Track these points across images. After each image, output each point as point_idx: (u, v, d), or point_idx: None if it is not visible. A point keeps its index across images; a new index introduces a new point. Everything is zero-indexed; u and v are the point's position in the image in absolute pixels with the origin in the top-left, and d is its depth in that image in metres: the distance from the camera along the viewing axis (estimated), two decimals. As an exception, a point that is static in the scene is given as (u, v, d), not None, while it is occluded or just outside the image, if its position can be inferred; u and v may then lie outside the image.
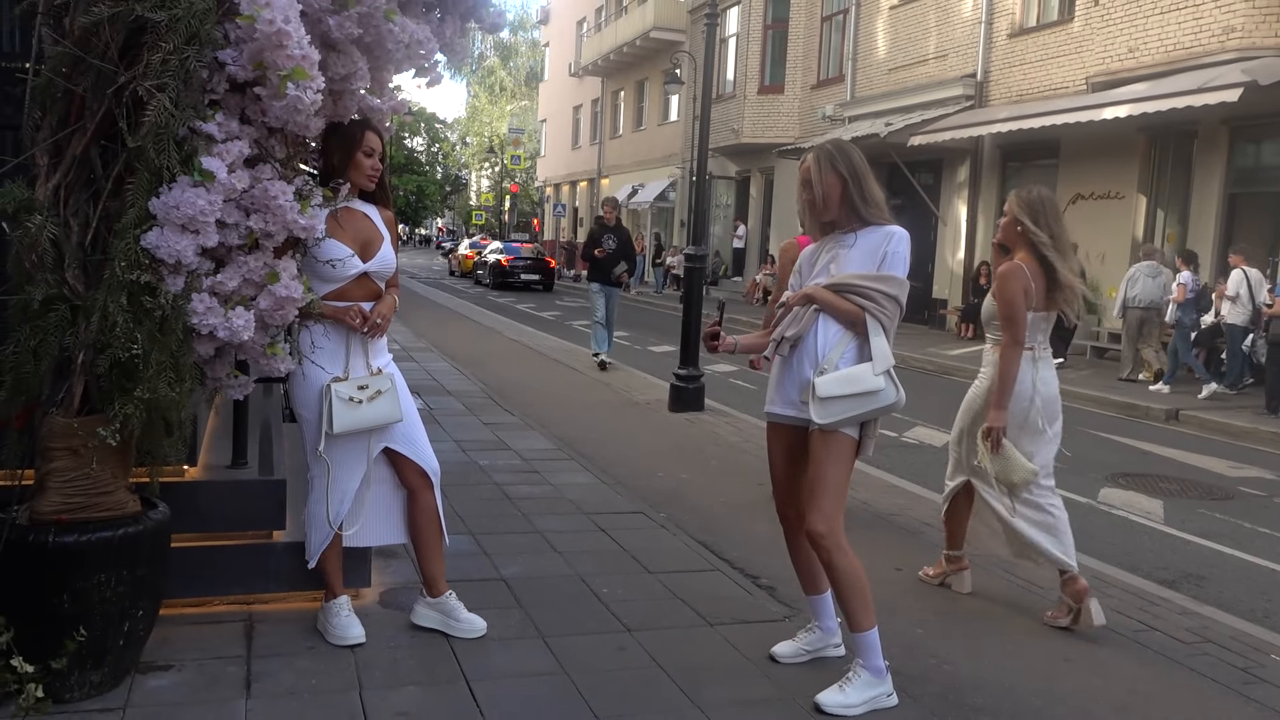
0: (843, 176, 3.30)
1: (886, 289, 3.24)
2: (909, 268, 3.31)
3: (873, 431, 3.33)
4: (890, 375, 3.23)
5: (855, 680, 3.27)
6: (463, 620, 3.58)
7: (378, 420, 3.34)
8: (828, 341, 3.28)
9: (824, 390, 3.18)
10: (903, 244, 3.29)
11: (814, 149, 3.40)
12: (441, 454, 6.36)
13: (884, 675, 3.30)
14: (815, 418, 3.19)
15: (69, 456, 2.82)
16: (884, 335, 3.25)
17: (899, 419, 9.58)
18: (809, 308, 3.33)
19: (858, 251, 3.31)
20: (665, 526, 5.15)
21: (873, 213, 3.32)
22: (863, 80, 21.12)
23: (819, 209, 3.36)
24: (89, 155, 2.85)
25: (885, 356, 3.23)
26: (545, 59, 47.65)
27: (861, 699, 3.24)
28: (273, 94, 2.76)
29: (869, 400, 3.20)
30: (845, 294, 3.26)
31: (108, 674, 2.95)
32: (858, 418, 3.23)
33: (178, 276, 2.80)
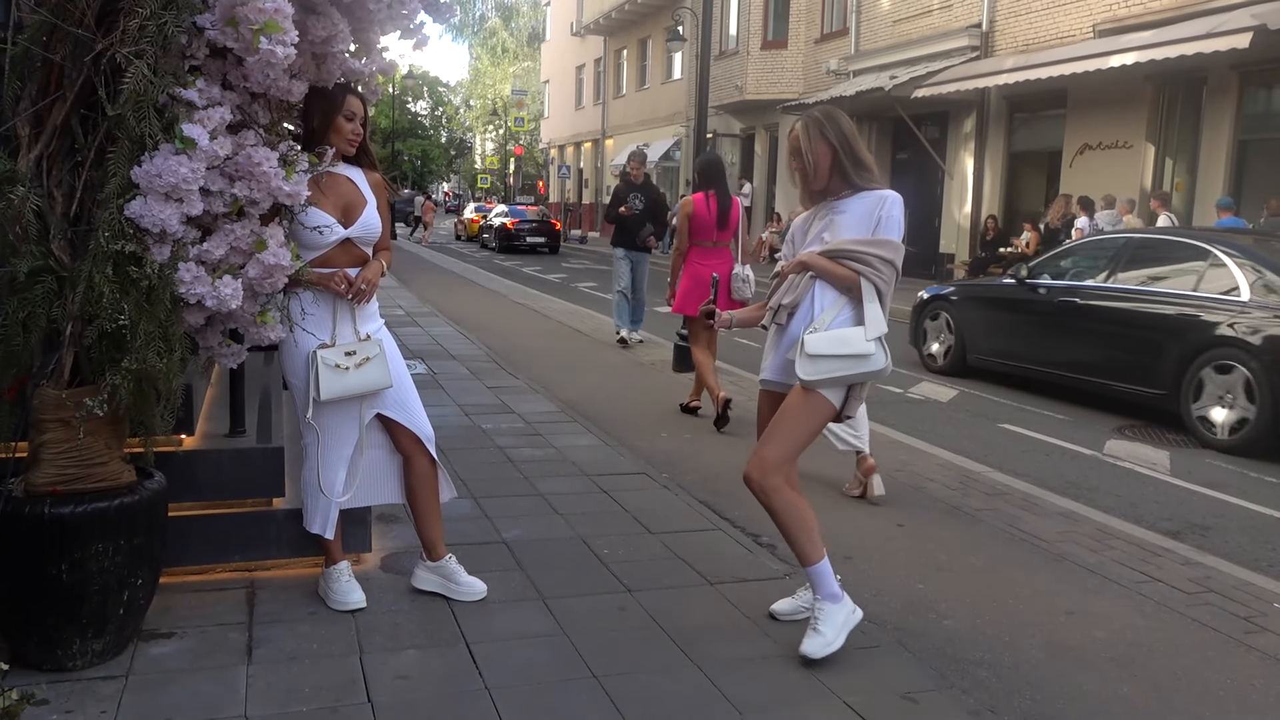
0: (832, 144, 3.27)
1: (882, 253, 3.21)
2: (904, 230, 3.28)
3: (860, 395, 3.30)
4: (881, 342, 3.21)
5: (822, 616, 3.30)
6: (463, 583, 3.60)
7: (366, 386, 3.33)
8: (823, 304, 3.26)
9: (812, 347, 3.16)
10: (896, 207, 3.26)
11: (802, 117, 3.37)
12: (444, 418, 6.44)
13: (840, 598, 3.31)
14: (800, 373, 3.18)
15: (61, 428, 2.82)
16: (878, 301, 3.21)
17: (904, 375, 9.56)
18: (804, 275, 3.31)
19: (851, 217, 3.28)
20: (667, 487, 5.16)
21: (865, 177, 3.29)
22: (867, 33, 20.84)
23: (810, 177, 3.33)
24: (70, 124, 2.82)
25: (879, 322, 3.20)
26: (547, 19, 47.14)
27: (835, 631, 3.28)
28: (245, 49, 2.72)
29: (857, 363, 3.18)
30: (841, 260, 3.23)
31: (110, 642, 2.97)
32: (842, 379, 3.21)
33: (163, 246, 2.78)
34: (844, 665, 3.23)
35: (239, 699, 2.84)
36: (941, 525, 4.92)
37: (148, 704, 2.78)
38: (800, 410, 3.26)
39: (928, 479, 5.75)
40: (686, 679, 3.09)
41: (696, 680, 3.08)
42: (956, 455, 6.38)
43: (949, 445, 6.69)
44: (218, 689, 2.89)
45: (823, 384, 3.20)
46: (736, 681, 3.08)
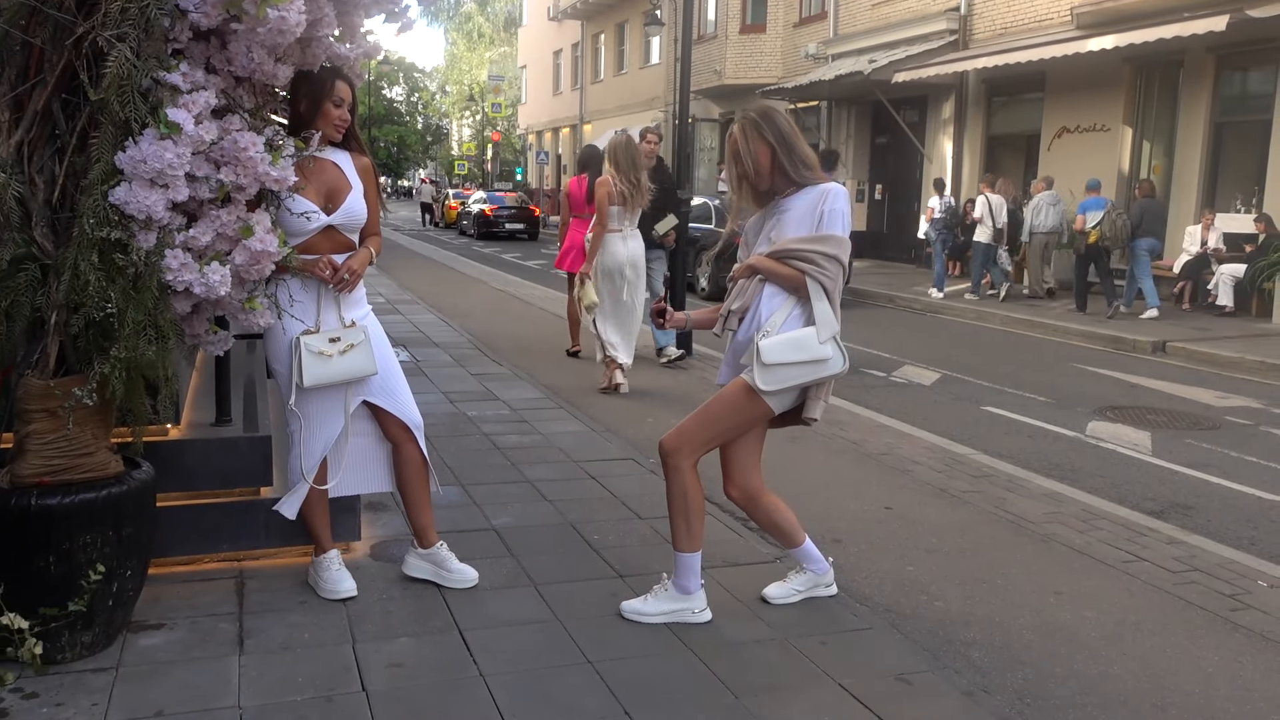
0: (769, 143, 3.24)
1: (824, 249, 3.18)
2: (849, 224, 3.26)
3: (820, 395, 3.30)
4: (836, 341, 3.21)
5: (660, 593, 3.39)
6: (454, 571, 3.58)
7: (350, 373, 3.30)
8: (772, 308, 3.25)
9: (769, 355, 3.15)
10: (839, 200, 3.23)
11: (738, 120, 3.35)
12: (429, 406, 6.40)
13: (691, 594, 3.37)
14: (759, 383, 3.16)
15: (47, 418, 2.78)
16: (826, 299, 3.20)
17: (887, 358, 9.60)
18: (754, 279, 3.30)
19: (795, 214, 3.26)
20: (655, 472, 5.13)
21: (805, 174, 3.27)
22: (845, 17, 20.80)
23: (753, 179, 3.31)
24: (51, 109, 2.77)
25: (829, 322, 3.19)
26: (523, 4, 46.82)
27: (660, 610, 3.36)
28: (253, 23, 2.67)
29: (816, 369, 3.19)
30: (786, 259, 3.22)
31: (99, 634, 2.94)
32: (802, 384, 3.22)
33: (149, 233, 2.74)
34: (837, 647, 3.24)
35: (231, 689, 2.81)
36: (929, 507, 4.94)
37: (139, 695, 2.76)
38: (735, 404, 3.26)
39: (914, 462, 5.78)
40: (681, 662, 3.09)
41: (690, 663, 3.08)
42: (941, 438, 6.41)
43: (934, 428, 6.72)
44: (210, 679, 2.86)
45: (780, 392, 3.20)
46: (730, 665, 3.08)
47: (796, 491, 4.92)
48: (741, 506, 3.52)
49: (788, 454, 5.76)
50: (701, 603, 3.38)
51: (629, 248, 7.38)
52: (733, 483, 3.45)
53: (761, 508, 3.49)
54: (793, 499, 3.64)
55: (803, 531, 3.58)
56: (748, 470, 3.44)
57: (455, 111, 59.39)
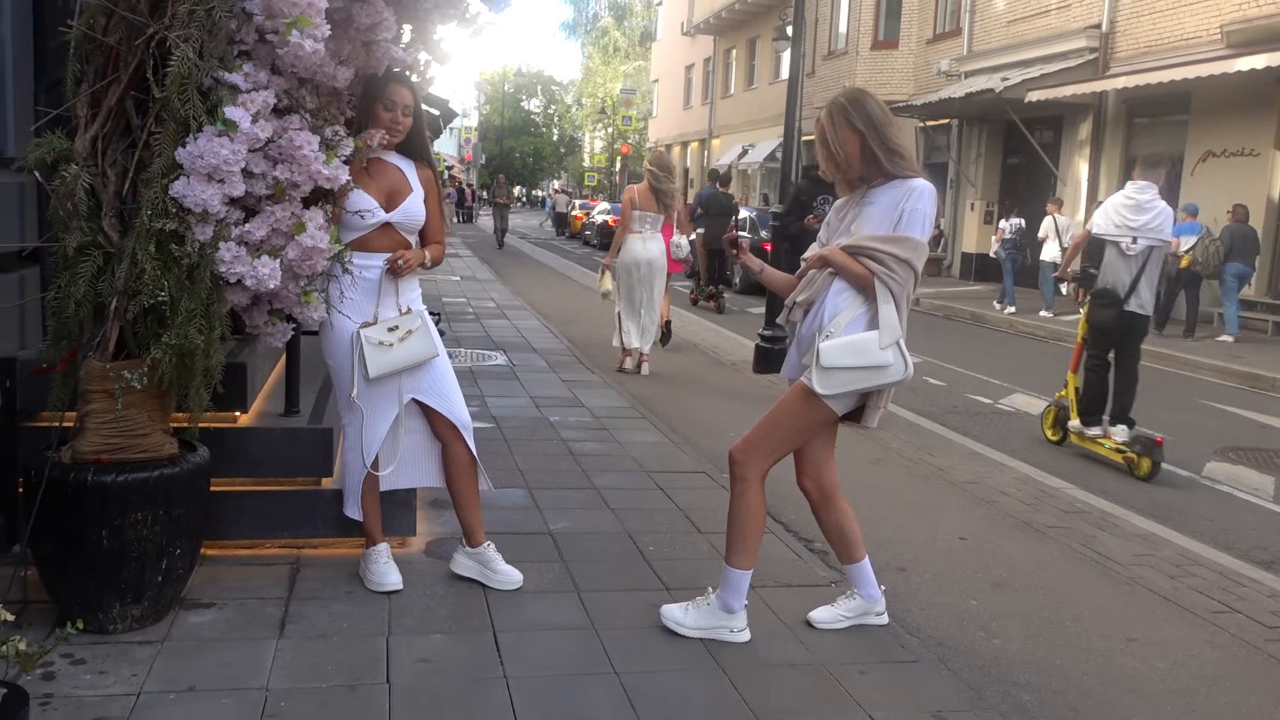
0: (859, 130, 3.11)
1: (898, 251, 3.05)
2: (931, 227, 3.12)
3: (879, 404, 3.18)
4: (899, 348, 3.07)
5: (702, 606, 3.30)
6: (499, 571, 3.60)
7: (413, 358, 3.36)
8: (837, 306, 3.13)
9: (828, 359, 3.05)
10: (923, 200, 3.08)
11: (827, 104, 3.24)
12: (515, 409, 6.49)
13: (734, 612, 3.27)
14: (817, 386, 3.06)
15: (105, 399, 2.92)
16: (893, 303, 3.07)
17: (995, 385, 9.27)
18: (824, 271, 3.20)
19: (877, 209, 3.13)
20: (725, 487, 5.05)
21: (897, 165, 3.12)
22: (980, 33, 20.25)
23: (841, 166, 3.20)
24: (124, 106, 2.92)
25: (893, 327, 3.06)
26: (659, 18, 47.24)
27: (698, 624, 3.27)
28: (280, 41, 2.77)
29: (875, 375, 3.07)
30: (858, 256, 3.10)
31: (148, 608, 3.06)
32: (861, 390, 3.10)
33: (206, 225, 2.86)
34: (876, 678, 3.12)
35: (263, 671, 2.89)
36: (1007, 540, 4.72)
37: (176, 669, 2.86)
38: (796, 409, 3.17)
39: (1001, 493, 5.54)
40: (709, 682, 3.02)
41: (719, 684, 3.02)
42: (1037, 470, 6.13)
43: (1032, 460, 6.43)
44: (245, 660, 2.95)
45: (839, 397, 3.09)
46: (759, 687, 3.00)
47: (868, 516, 4.76)
48: (812, 502, 3.42)
49: (866, 477, 5.61)
50: (741, 622, 3.29)
51: (648, 249, 8.25)
52: (806, 475, 3.37)
53: (833, 508, 3.40)
54: (862, 524, 3.51)
55: (864, 549, 3.46)
56: (820, 463, 3.36)
57: (588, 124, 60.32)
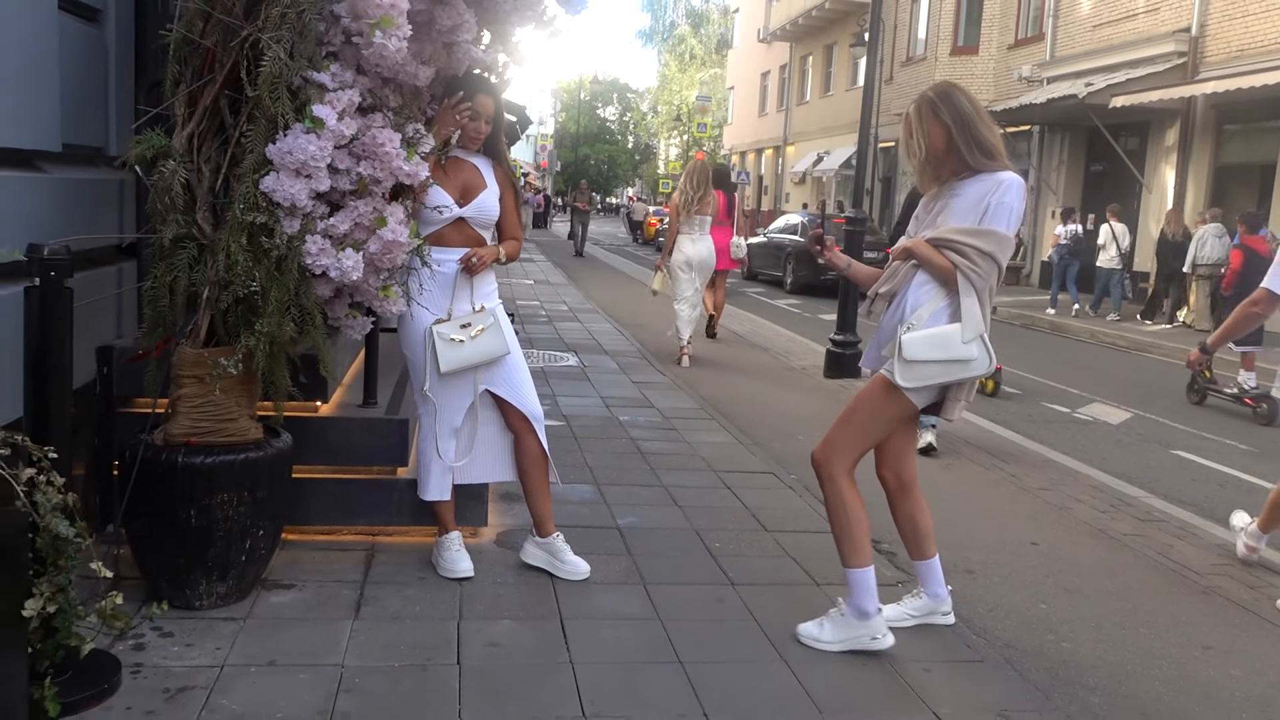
0: (946, 124, 3.11)
1: (981, 245, 3.04)
2: (1018, 221, 3.10)
3: (961, 395, 3.16)
4: (983, 341, 3.05)
5: (836, 619, 3.24)
6: (567, 562, 3.67)
7: (484, 356, 3.46)
8: (919, 299, 3.13)
9: (911, 351, 3.04)
10: (1010, 193, 3.06)
11: (916, 98, 3.25)
12: (585, 409, 6.58)
13: (869, 617, 3.19)
14: (899, 379, 3.06)
15: (196, 384, 3.06)
16: (975, 296, 3.05)
17: (1073, 394, 9.09)
18: (907, 263, 3.20)
19: (963, 201, 3.12)
20: (793, 488, 5.09)
21: (982, 160, 3.11)
22: (1064, 38, 19.85)
23: (927, 161, 3.20)
24: (218, 105, 3.06)
25: (976, 321, 3.04)
26: (735, 25, 47.24)
27: (838, 637, 3.21)
28: (365, 42, 2.88)
29: (959, 369, 3.05)
30: (942, 249, 3.10)
31: (232, 586, 3.20)
32: (943, 384, 3.08)
33: (293, 219, 2.98)
34: (941, 676, 3.11)
35: (339, 649, 3.00)
36: (1080, 547, 4.65)
37: (257, 645, 2.99)
38: (876, 402, 3.17)
39: (1076, 499, 5.45)
40: (772, 673, 3.05)
41: (782, 676, 3.04)
42: (1114, 478, 6.01)
43: (1109, 468, 6.31)
44: (322, 638, 3.07)
45: (921, 390, 3.09)
46: (823, 681, 3.02)
47: (937, 520, 4.69)
48: (890, 492, 3.43)
49: (937, 480, 5.56)
50: (881, 627, 3.20)
51: (696, 249, 8.93)
52: (885, 465, 3.38)
53: (909, 499, 3.40)
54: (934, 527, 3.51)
55: (935, 547, 3.46)
56: (899, 454, 3.36)
57: (663, 131, 60.52)
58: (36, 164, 3.14)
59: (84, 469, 3.53)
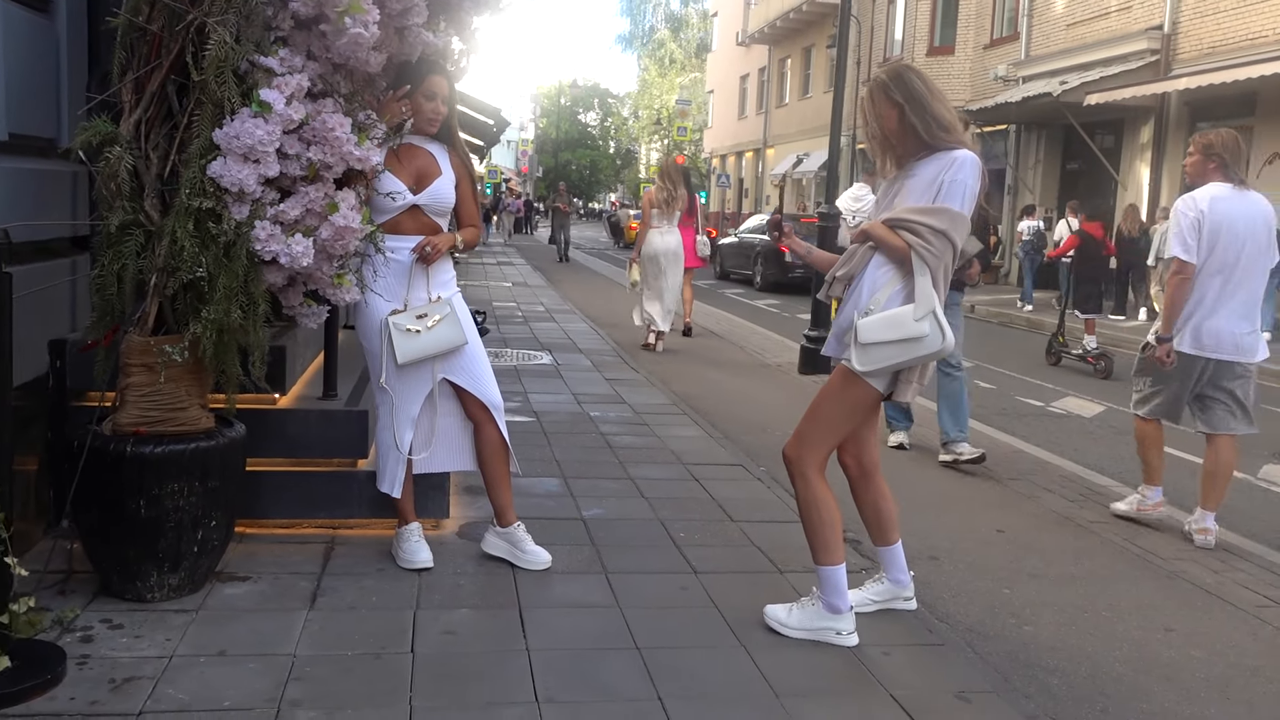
0: (898, 103, 3.09)
1: (934, 222, 3.01)
2: (973, 199, 3.08)
3: (913, 378, 3.13)
4: (935, 318, 3.02)
5: (807, 607, 3.22)
6: (528, 552, 3.65)
7: (440, 346, 3.43)
8: (876, 282, 3.12)
9: (866, 335, 3.03)
10: (963, 170, 3.04)
11: (869, 81, 3.24)
12: (556, 405, 6.55)
13: (840, 613, 3.17)
14: (856, 364, 3.04)
15: (145, 372, 3.02)
16: (929, 275, 3.03)
17: (1048, 389, 9.12)
18: (864, 245, 3.19)
19: (918, 181, 3.11)
20: (761, 480, 5.08)
21: (938, 136, 3.08)
22: (1039, 37, 19.97)
23: (884, 142, 3.20)
24: (165, 91, 3.03)
25: (929, 298, 3.01)
26: (714, 29, 47.35)
27: (804, 625, 3.18)
28: (335, 32, 2.86)
29: (912, 347, 3.02)
30: (896, 229, 3.08)
31: (185, 578, 3.16)
32: (901, 365, 3.07)
33: (242, 205, 2.95)
34: (900, 659, 3.10)
35: (292, 639, 2.97)
36: (1047, 534, 4.66)
37: (209, 636, 2.95)
38: (838, 393, 3.15)
39: (1045, 489, 5.46)
40: (730, 658, 3.03)
41: (740, 660, 3.02)
42: (1086, 469, 6.04)
43: (1080, 460, 6.33)
44: (275, 628, 3.03)
45: (877, 373, 3.07)
46: (781, 665, 3.00)
47: (905, 508, 4.69)
48: (851, 479, 3.41)
49: (905, 470, 5.57)
50: (850, 624, 3.17)
51: (665, 241, 9.69)
52: (847, 451, 3.35)
53: (872, 486, 3.39)
54: (900, 515, 3.48)
55: (898, 533, 3.45)
56: (862, 440, 3.34)
57: (644, 136, 60.57)
58: (-18, 153, 3.10)
59: (36, 464, 3.48)
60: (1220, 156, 4.65)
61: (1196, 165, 4.77)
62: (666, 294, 9.67)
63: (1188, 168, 4.88)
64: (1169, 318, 4.64)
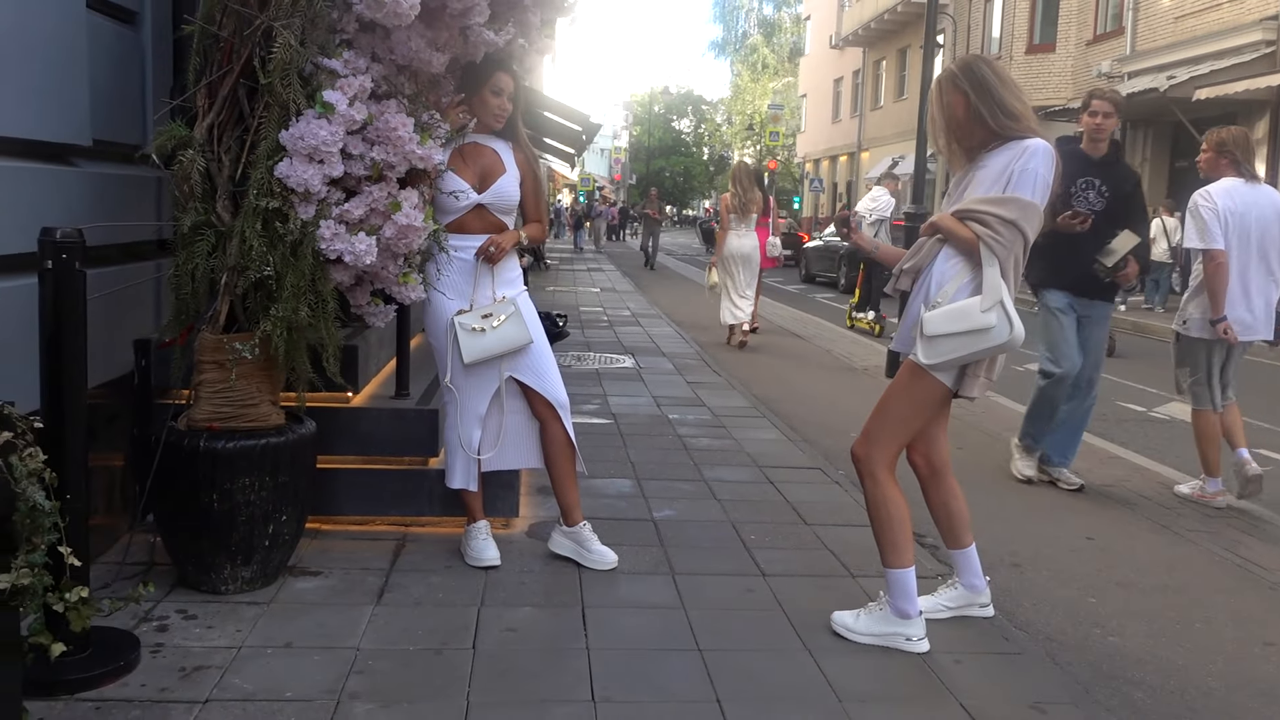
0: (964, 91, 3.00)
1: (1003, 212, 2.90)
2: (1045, 188, 2.96)
3: (980, 371, 3.01)
4: (1003, 309, 2.90)
5: (875, 612, 3.12)
6: (594, 551, 3.63)
7: (506, 345, 3.44)
8: (945, 274, 3.02)
9: (931, 327, 2.93)
10: (1035, 159, 2.93)
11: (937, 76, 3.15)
12: (634, 407, 6.54)
13: (909, 618, 3.05)
14: (921, 357, 2.95)
15: (217, 369, 3.10)
16: (998, 266, 2.92)
17: (1151, 394, 8.73)
18: (933, 237, 3.09)
19: (988, 172, 3.00)
20: (839, 483, 4.97)
21: (1006, 125, 2.98)
22: (1144, 31, 19.24)
23: (950, 133, 3.10)
24: (236, 94, 3.11)
25: (996, 288, 2.90)
26: (807, 33, 46.96)
27: (871, 631, 3.09)
28: (375, 7, 2.88)
29: (978, 339, 2.91)
30: (965, 220, 2.98)
31: (257, 571, 3.23)
32: (967, 358, 2.95)
33: (308, 204, 3.01)
34: (972, 667, 2.99)
35: (357, 633, 3.00)
36: (1140, 542, 4.44)
37: (277, 628, 3.01)
38: (905, 389, 3.05)
39: (1142, 496, 5.22)
40: (793, 662, 2.96)
41: (803, 664, 2.95)
42: (1185, 475, 5.73)
43: (1181, 466, 6.02)
44: (341, 622, 3.07)
45: (944, 366, 2.97)
46: (846, 670, 2.91)
47: (985, 514, 4.60)
48: (921, 478, 3.31)
49: (994, 476, 5.39)
50: (919, 630, 3.06)
51: (742, 243, 9.97)
52: (915, 449, 3.25)
53: (942, 485, 3.28)
54: (982, 521, 3.39)
55: (971, 535, 3.33)
56: (932, 438, 3.24)
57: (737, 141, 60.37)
58: (69, 159, 3.22)
59: (121, 459, 3.61)
60: (1232, 153, 5.03)
61: (1210, 161, 5.14)
62: (745, 292, 10.02)
63: (1201, 163, 5.22)
64: (1217, 303, 4.97)
